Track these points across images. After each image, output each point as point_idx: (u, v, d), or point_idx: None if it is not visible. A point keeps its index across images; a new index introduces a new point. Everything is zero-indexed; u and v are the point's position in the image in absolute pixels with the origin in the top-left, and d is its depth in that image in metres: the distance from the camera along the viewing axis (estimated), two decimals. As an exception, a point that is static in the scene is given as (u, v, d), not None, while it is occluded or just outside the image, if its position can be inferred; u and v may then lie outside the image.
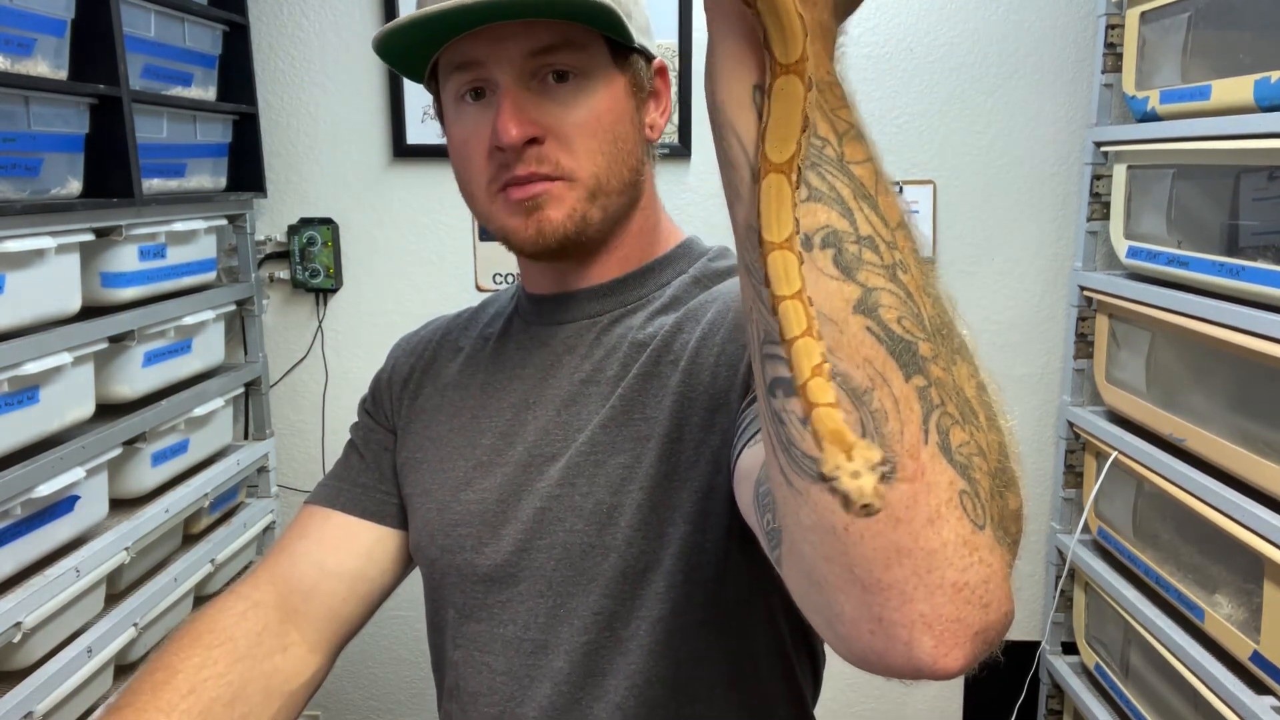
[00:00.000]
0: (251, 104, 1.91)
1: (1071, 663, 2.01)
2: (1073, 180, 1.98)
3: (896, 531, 0.40)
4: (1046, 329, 2.05)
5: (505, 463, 0.82)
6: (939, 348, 0.42)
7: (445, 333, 0.94)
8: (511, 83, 0.72)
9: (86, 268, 1.43)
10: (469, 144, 0.76)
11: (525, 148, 0.72)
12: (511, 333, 0.88)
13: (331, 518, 0.88)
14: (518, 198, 0.74)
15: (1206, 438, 1.50)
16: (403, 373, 0.93)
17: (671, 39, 1.94)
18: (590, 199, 0.75)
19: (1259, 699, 1.35)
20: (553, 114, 0.73)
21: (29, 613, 1.23)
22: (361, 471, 0.91)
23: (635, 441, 0.76)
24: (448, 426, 0.87)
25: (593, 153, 0.74)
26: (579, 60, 0.73)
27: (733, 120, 0.43)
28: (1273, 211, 1.49)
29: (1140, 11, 1.71)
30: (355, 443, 0.94)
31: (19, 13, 1.25)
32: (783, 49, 0.39)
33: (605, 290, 0.83)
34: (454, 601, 0.84)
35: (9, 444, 1.24)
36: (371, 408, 0.95)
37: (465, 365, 0.89)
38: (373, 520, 0.89)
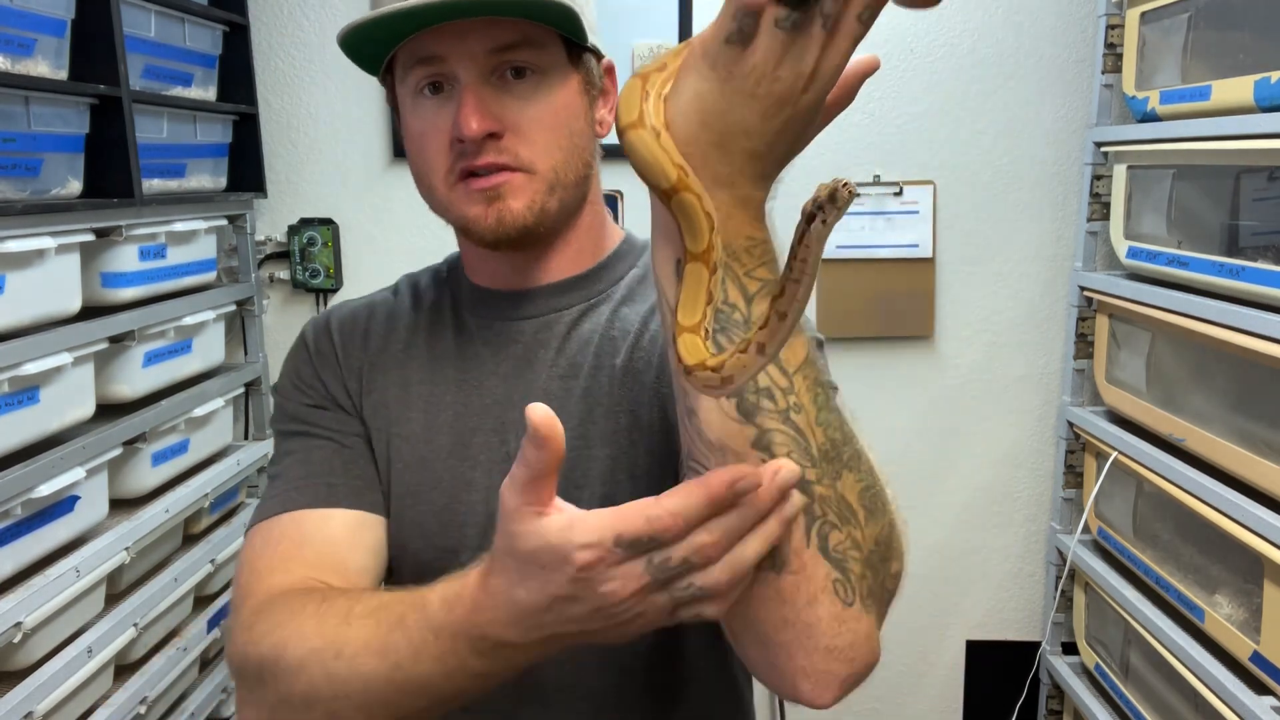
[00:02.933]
0: (251, 104, 1.91)
1: (1071, 663, 2.01)
2: (1073, 180, 1.98)
3: (784, 608, 0.56)
4: (1046, 329, 2.05)
5: (504, 460, 0.81)
6: (824, 470, 0.55)
7: (368, 322, 0.88)
8: (472, 78, 0.74)
9: (86, 268, 1.43)
10: (427, 136, 0.77)
11: (485, 141, 0.74)
12: (470, 328, 0.86)
13: (332, 518, 0.80)
14: (479, 187, 0.75)
15: (1206, 438, 1.50)
16: (353, 364, 0.86)
17: (672, 39, 1.94)
18: (549, 191, 0.77)
19: (1259, 699, 1.35)
20: (512, 109, 0.75)
21: (29, 613, 1.23)
22: (350, 463, 0.82)
23: (624, 433, 0.80)
24: (425, 424, 0.83)
25: (550, 147, 0.77)
26: (538, 58, 0.75)
27: (660, 281, 0.55)
28: (1273, 211, 1.49)
29: (1140, 11, 1.71)
30: (322, 434, 0.83)
31: (19, 13, 1.25)
32: (692, 240, 0.47)
33: (567, 286, 0.85)
34: None
35: (9, 444, 1.24)
36: (321, 398, 0.85)
37: (425, 360, 0.86)
38: (376, 512, 0.82)
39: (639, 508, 0.48)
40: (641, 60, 1.94)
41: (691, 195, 0.47)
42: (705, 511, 0.48)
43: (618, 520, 0.48)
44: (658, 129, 0.48)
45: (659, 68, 0.50)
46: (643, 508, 0.48)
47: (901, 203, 1.98)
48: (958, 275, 2.02)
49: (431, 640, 0.57)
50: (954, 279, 2.02)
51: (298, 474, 0.81)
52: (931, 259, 2.00)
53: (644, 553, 0.49)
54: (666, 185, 0.47)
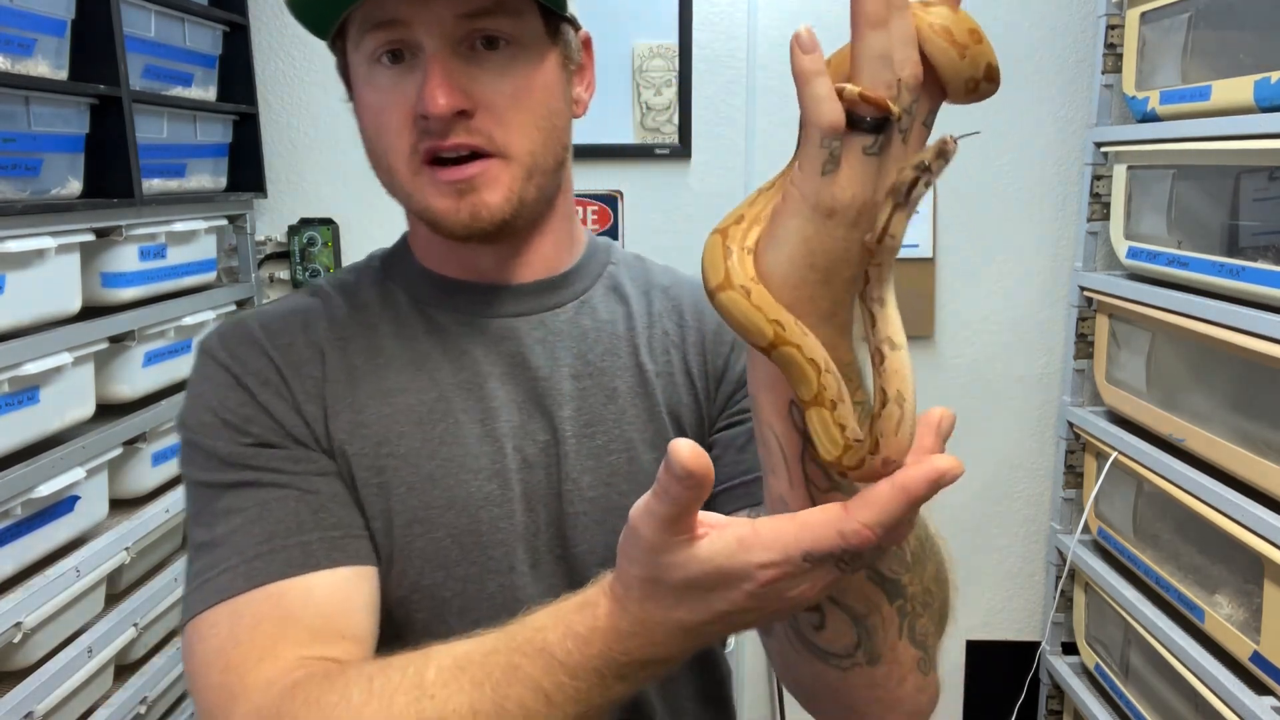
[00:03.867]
0: (251, 104, 1.91)
1: (1071, 663, 2.01)
2: (1073, 180, 1.98)
3: (876, 690, 0.61)
4: (1046, 329, 2.05)
5: (522, 468, 0.74)
6: (914, 572, 0.58)
7: (307, 331, 0.74)
8: (439, 47, 0.66)
9: (87, 268, 1.43)
10: (386, 111, 0.68)
11: (454, 119, 0.66)
12: (444, 325, 0.76)
13: (315, 584, 0.65)
14: (449, 179, 0.68)
15: (1206, 438, 1.50)
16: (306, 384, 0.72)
17: (672, 39, 1.94)
18: (527, 178, 0.70)
19: (1259, 699, 1.35)
20: (484, 84, 0.67)
21: (29, 613, 1.23)
22: (321, 510, 0.68)
23: (660, 434, 0.77)
24: (422, 438, 0.72)
25: (527, 128, 0.69)
26: (513, 27, 0.67)
27: (771, 422, 0.52)
28: (1273, 211, 1.49)
29: (1140, 12, 1.71)
30: (276, 481, 0.68)
31: (19, 13, 1.25)
32: (802, 389, 0.46)
33: (557, 283, 0.79)
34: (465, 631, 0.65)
35: (9, 444, 1.24)
36: (267, 433, 0.70)
37: (404, 366, 0.74)
38: (364, 562, 0.69)
39: (829, 521, 0.44)
40: (641, 59, 1.95)
41: (791, 348, 0.46)
42: (905, 517, 0.45)
43: (805, 536, 0.44)
44: (747, 287, 0.47)
45: (736, 220, 0.49)
46: (834, 521, 0.44)
47: (901, 203, 1.98)
48: (958, 275, 2.02)
49: (568, 682, 0.50)
50: (954, 279, 2.02)
51: (255, 537, 0.65)
52: (931, 259, 2.00)
53: (836, 562, 0.46)
54: (764, 344, 0.46)
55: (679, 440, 0.43)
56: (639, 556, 0.47)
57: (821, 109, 0.43)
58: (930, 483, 0.43)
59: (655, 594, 0.48)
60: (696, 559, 0.46)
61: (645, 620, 0.48)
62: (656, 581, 0.47)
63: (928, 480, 0.43)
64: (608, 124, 1.97)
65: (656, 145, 1.99)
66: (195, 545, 0.68)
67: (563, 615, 0.52)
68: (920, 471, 0.44)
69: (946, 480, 0.44)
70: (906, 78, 0.44)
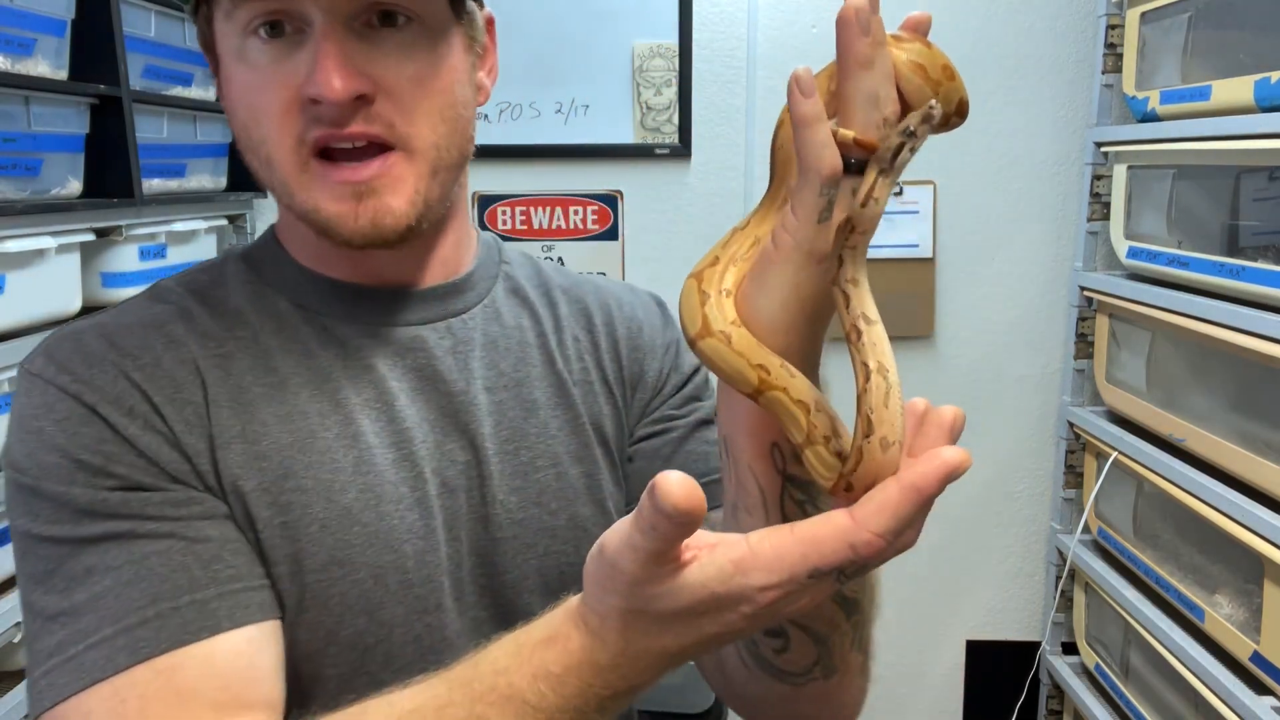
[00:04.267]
0: (252, 104, 1.91)
1: (1071, 663, 2.01)
2: (1073, 180, 1.98)
3: (827, 699, 0.61)
4: (1046, 329, 2.05)
5: (443, 492, 0.67)
6: (863, 593, 0.57)
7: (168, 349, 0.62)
8: (331, 22, 0.57)
9: (87, 268, 1.43)
10: (264, 93, 0.59)
11: (351, 105, 0.57)
12: (342, 336, 0.67)
13: (215, 650, 0.55)
14: (346, 179, 0.59)
15: (1206, 438, 1.50)
16: (184, 410, 0.60)
17: (672, 39, 1.94)
18: (432, 175, 0.62)
19: (1259, 699, 1.34)
20: (384, 66, 0.59)
21: (29, 613, 1.23)
22: (213, 561, 0.58)
23: (591, 446, 0.73)
24: (332, 467, 0.63)
25: (431, 117, 0.61)
26: (415, 4, 0.59)
27: (752, 465, 0.51)
28: (1273, 211, 1.49)
29: (1140, 11, 1.71)
30: (154, 531, 0.57)
31: (19, 13, 1.25)
32: (794, 432, 0.45)
33: (460, 286, 0.72)
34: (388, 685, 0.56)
35: (9, 444, 1.24)
36: (138, 472, 0.58)
37: (304, 385, 0.64)
38: (267, 616, 0.59)
39: (838, 534, 0.41)
40: (641, 59, 1.95)
41: (777, 391, 0.45)
42: (916, 519, 0.42)
43: (812, 553, 0.41)
44: (727, 332, 0.45)
45: (710, 262, 0.48)
46: (844, 534, 0.41)
47: (901, 203, 1.98)
48: (958, 275, 2.02)
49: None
50: (954, 279, 2.02)
51: (134, 601, 0.54)
52: (932, 259, 2.00)
53: (840, 574, 0.43)
54: (750, 390, 0.45)
55: (669, 474, 0.39)
56: (618, 589, 0.43)
57: (823, 156, 0.42)
58: (941, 479, 0.41)
59: (638, 624, 0.44)
60: (688, 587, 0.42)
61: (626, 651, 0.45)
62: (640, 613, 0.43)
63: (939, 476, 0.41)
64: (608, 124, 1.97)
65: (656, 145, 1.99)
66: (44, 615, 0.55)
67: (528, 654, 0.46)
68: (930, 468, 0.41)
69: (957, 474, 0.41)
70: (889, 115, 0.43)
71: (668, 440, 0.75)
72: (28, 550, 0.57)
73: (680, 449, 0.75)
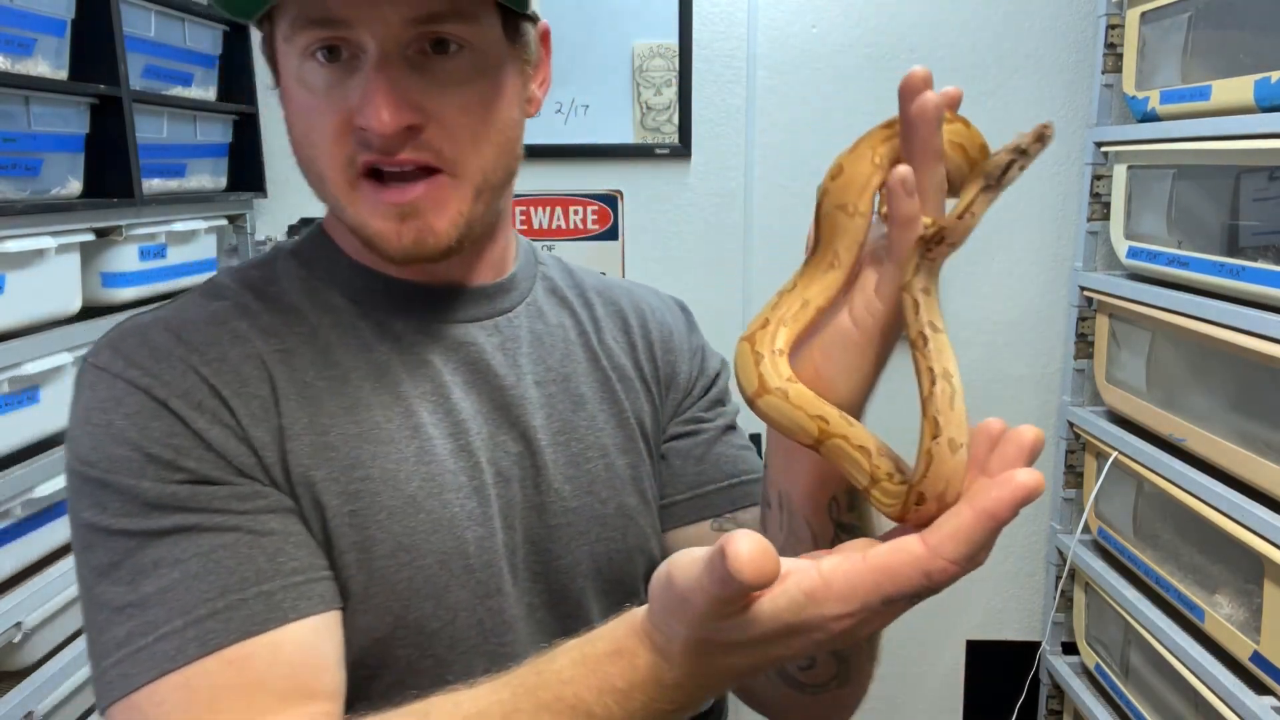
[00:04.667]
0: (251, 104, 1.91)
1: (1071, 663, 2.01)
2: (1073, 180, 1.98)
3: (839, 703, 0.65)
4: (1046, 329, 2.05)
5: (498, 480, 0.69)
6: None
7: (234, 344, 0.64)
8: (384, 54, 0.58)
9: (87, 268, 1.43)
10: (318, 113, 0.61)
11: (400, 134, 0.59)
12: (398, 331, 0.69)
13: (282, 640, 0.57)
14: (392, 201, 0.61)
15: (1206, 438, 1.50)
16: (251, 405, 0.62)
17: (672, 39, 1.94)
18: (475, 198, 0.63)
19: (1259, 699, 1.34)
20: (434, 97, 0.60)
21: (29, 613, 1.23)
22: (278, 554, 0.59)
23: (633, 439, 0.76)
24: (397, 458, 0.65)
25: (479, 141, 0.62)
26: (469, 32, 0.60)
27: (809, 519, 0.54)
28: (1273, 211, 1.49)
29: (1140, 11, 1.71)
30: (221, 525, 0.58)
31: (19, 13, 1.25)
32: (858, 477, 0.46)
33: (506, 286, 0.74)
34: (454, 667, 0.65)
35: (9, 444, 1.24)
36: (207, 466, 0.59)
37: (366, 379, 0.66)
38: (330, 606, 0.61)
39: (912, 562, 0.41)
40: (641, 59, 1.95)
41: (838, 440, 0.46)
42: (989, 543, 0.41)
43: (886, 583, 0.41)
44: (784, 389, 0.47)
45: (761, 325, 0.50)
46: (919, 562, 0.41)
47: (901, 203, 1.98)
48: (958, 275, 2.02)
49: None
50: (954, 279, 2.02)
51: (203, 593, 0.55)
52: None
53: (913, 599, 0.43)
54: (811, 440, 0.47)
55: (740, 542, 0.39)
56: (689, 620, 0.43)
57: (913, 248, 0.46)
58: (1015, 503, 0.40)
59: (706, 650, 0.44)
60: (760, 620, 0.42)
61: (692, 672, 0.45)
62: (708, 641, 0.44)
63: (1013, 501, 0.40)
64: (608, 124, 1.97)
65: (656, 145, 1.99)
66: (112, 607, 0.56)
67: (593, 665, 0.47)
68: (1005, 492, 0.40)
69: (1031, 498, 0.40)
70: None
71: (699, 441, 0.79)
72: (93, 542, 0.58)
73: (711, 450, 0.79)
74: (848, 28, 1.95)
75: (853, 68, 1.96)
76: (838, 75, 1.96)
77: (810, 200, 0.51)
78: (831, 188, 0.49)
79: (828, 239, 0.49)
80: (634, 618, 0.47)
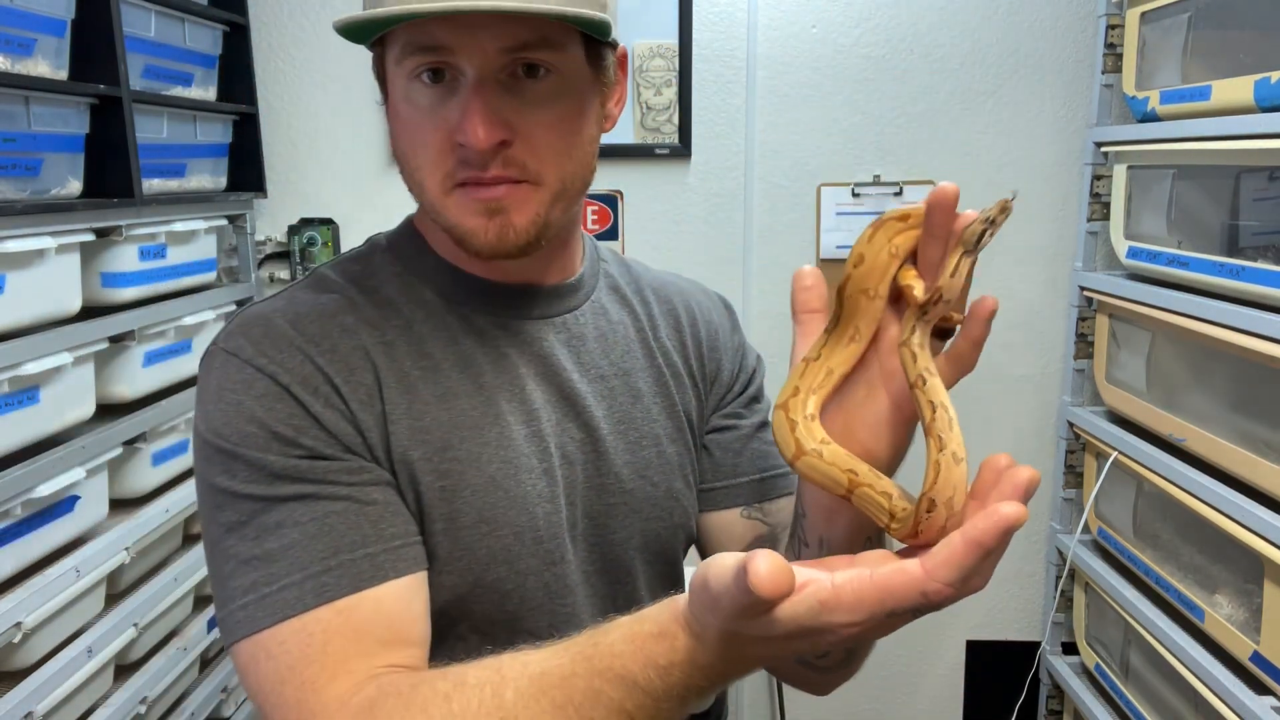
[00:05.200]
0: (251, 104, 1.91)
1: (1071, 663, 2.01)
2: (1073, 180, 1.98)
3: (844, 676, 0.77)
4: (1046, 329, 2.05)
5: (564, 463, 0.78)
6: None
7: (343, 335, 0.73)
8: (481, 78, 0.67)
9: (86, 268, 1.43)
10: (424, 130, 0.70)
11: (493, 149, 0.68)
12: (481, 327, 0.77)
13: (383, 596, 0.67)
14: (481, 198, 0.69)
15: (1206, 438, 1.50)
16: (358, 391, 0.71)
17: (672, 39, 1.94)
18: (553, 202, 0.72)
19: (1259, 699, 1.35)
20: (523, 115, 0.68)
21: (29, 613, 1.23)
22: (380, 521, 0.69)
23: (681, 431, 0.85)
24: (480, 441, 0.74)
25: (560, 155, 0.71)
26: (555, 59, 0.69)
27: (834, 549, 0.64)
28: (1273, 211, 1.49)
29: (1140, 11, 1.71)
30: (334, 494, 0.68)
31: (19, 13, 1.25)
32: (883, 519, 0.53)
33: (575, 286, 0.83)
34: (523, 622, 0.76)
35: (9, 444, 1.24)
36: (321, 443, 0.69)
37: (454, 369, 0.75)
38: (419, 568, 0.71)
39: (911, 584, 0.46)
40: (641, 59, 1.95)
41: (865, 488, 0.53)
42: (980, 568, 0.47)
43: (889, 599, 0.47)
44: (819, 450, 0.55)
45: (792, 393, 0.57)
46: (917, 584, 0.46)
47: (902, 203, 1.98)
48: (958, 275, 2.02)
49: (650, 704, 0.53)
50: (954, 279, 2.02)
51: (318, 552, 0.65)
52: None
53: (913, 613, 0.48)
54: (843, 491, 0.54)
55: (761, 563, 0.45)
56: (718, 617, 0.49)
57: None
58: (999, 533, 0.46)
59: (735, 642, 0.50)
60: (780, 621, 0.47)
61: (725, 655, 0.51)
62: (736, 634, 0.49)
63: (997, 531, 0.46)
64: (608, 124, 1.97)
65: (656, 145, 1.99)
66: (239, 559, 0.66)
67: (640, 643, 0.53)
68: (989, 524, 0.46)
69: (1013, 529, 0.46)
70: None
71: (737, 436, 0.88)
72: (223, 503, 0.68)
73: (747, 445, 0.88)
74: (848, 28, 1.95)
75: (853, 68, 1.96)
76: (838, 75, 1.96)
77: (811, 200, 0.54)
78: (855, 274, 0.56)
79: (849, 317, 0.57)
80: (676, 605, 0.53)
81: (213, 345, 0.72)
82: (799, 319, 0.60)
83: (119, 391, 1.52)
